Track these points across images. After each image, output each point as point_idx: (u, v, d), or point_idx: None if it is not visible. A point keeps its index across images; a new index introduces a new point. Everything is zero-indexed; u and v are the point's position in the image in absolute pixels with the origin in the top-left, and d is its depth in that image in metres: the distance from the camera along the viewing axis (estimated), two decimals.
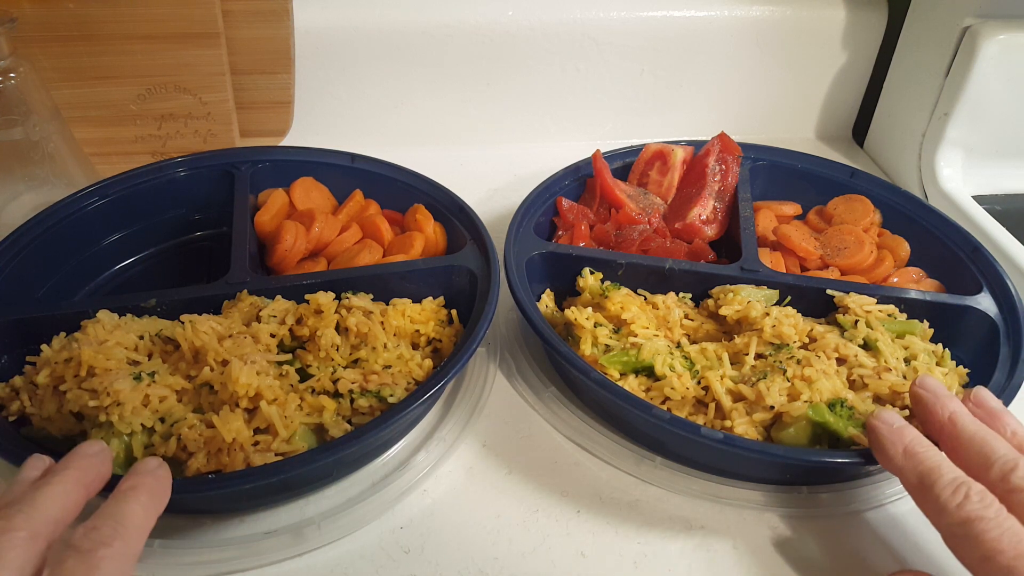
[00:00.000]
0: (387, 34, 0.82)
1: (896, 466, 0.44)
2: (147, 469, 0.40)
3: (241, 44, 0.74)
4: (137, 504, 0.37)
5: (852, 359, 0.54)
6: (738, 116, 0.94)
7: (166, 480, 0.40)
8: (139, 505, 0.37)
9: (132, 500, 0.37)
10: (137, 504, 0.37)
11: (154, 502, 0.38)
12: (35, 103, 0.63)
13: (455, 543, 0.48)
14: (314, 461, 0.45)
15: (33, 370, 0.50)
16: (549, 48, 0.85)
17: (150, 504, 0.38)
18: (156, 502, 0.38)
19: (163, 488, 0.39)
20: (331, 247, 0.64)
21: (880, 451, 0.45)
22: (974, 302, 0.59)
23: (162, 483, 0.39)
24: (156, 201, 0.67)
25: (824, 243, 0.68)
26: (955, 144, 0.80)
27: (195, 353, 0.50)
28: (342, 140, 0.76)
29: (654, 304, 0.59)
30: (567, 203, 0.69)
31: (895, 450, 0.44)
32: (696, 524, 0.50)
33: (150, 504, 0.38)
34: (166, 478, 0.40)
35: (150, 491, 0.38)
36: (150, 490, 0.38)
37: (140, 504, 0.37)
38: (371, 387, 0.50)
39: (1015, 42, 0.75)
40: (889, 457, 0.44)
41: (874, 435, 0.46)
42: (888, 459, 0.44)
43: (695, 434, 0.47)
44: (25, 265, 0.58)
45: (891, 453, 0.44)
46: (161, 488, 0.39)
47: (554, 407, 0.56)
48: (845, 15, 0.88)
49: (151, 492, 0.38)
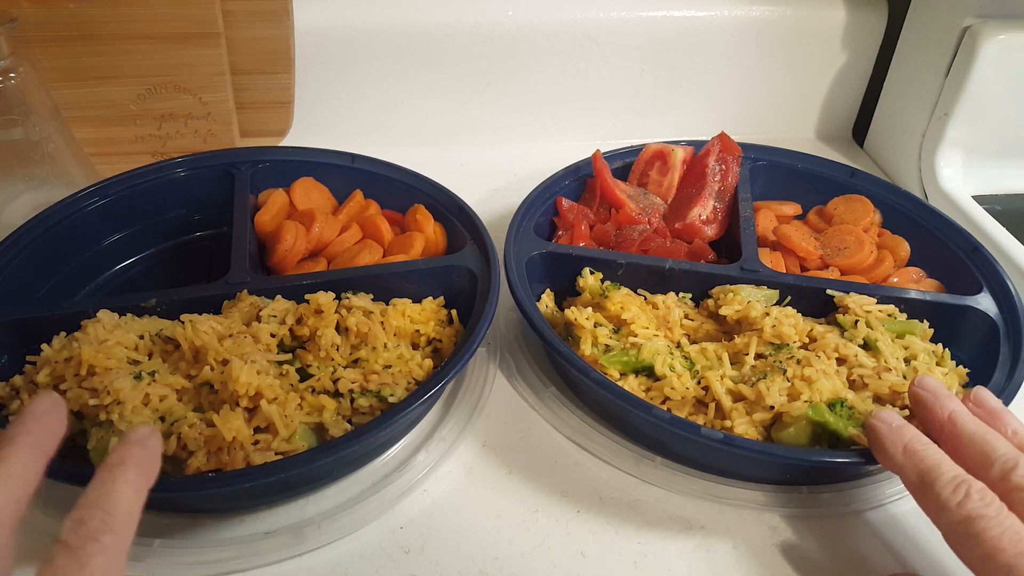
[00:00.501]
0: (387, 34, 0.82)
1: (896, 464, 0.44)
2: (136, 439, 0.37)
3: (241, 44, 0.74)
4: (125, 484, 0.35)
5: (852, 359, 0.54)
6: (738, 116, 0.94)
7: (156, 450, 0.38)
8: (127, 485, 0.35)
9: (120, 479, 0.35)
10: (125, 484, 0.35)
11: (143, 477, 0.36)
12: (35, 103, 0.63)
13: (455, 543, 0.48)
14: (314, 460, 0.45)
15: (33, 370, 0.50)
16: (549, 48, 0.85)
17: (139, 480, 0.36)
18: (145, 476, 0.36)
19: (152, 460, 0.37)
20: (331, 247, 0.64)
21: (880, 450, 0.45)
22: (974, 302, 0.59)
23: (151, 454, 0.37)
24: (156, 201, 0.67)
25: (824, 243, 0.68)
26: (955, 144, 0.80)
27: (195, 352, 0.50)
28: (342, 140, 0.76)
29: (654, 304, 0.59)
30: (567, 203, 0.69)
31: (895, 449, 0.44)
32: (696, 524, 0.50)
33: (139, 480, 0.36)
34: (156, 447, 0.38)
35: (138, 465, 0.36)
36: (138, 464, 0.36)
37: (128, 483, 0.35)
38: (371, 387, 0.50)
39: (1015, 42, 0.75)
40: (889, 456, 0.44)
41: (874, 434, 0.46)
42: (888, 458, 0.44)
43: (695, 434, 0.47)
44: (25, 265, 0.58)
45: (891, 452, 0.44)
46: (150, 460, 0.37)
47: (554, 407, 0.56)
48: (845, 15, 0.88)
49: (139, 466, 0.36)
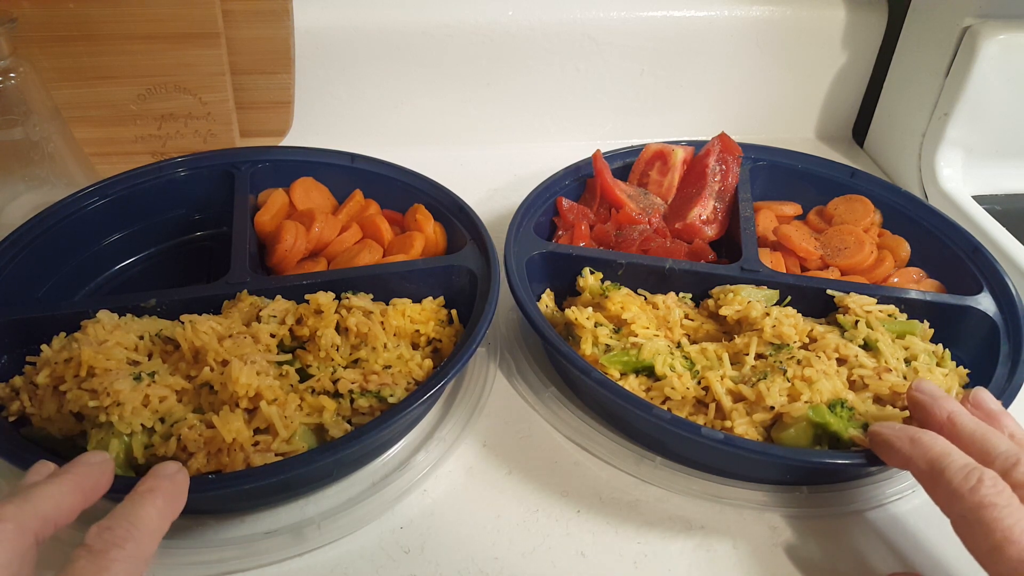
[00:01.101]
0: (387, 34, 0.82)
1: (904, 457, 0.43)
2: (166, 473, 0.40)
3: (241, 44, 0.74)
4: (152, 507, 0.37)
5: (852, 359, 0.54)
6: (738, 116, 0.94)
7: (183, 485, 0.40)
8: (154, 508, 0.37)
9: (148, 503, 0.37)
10: (152, 507, 0.37)
11: (170, 507, 0.38)
12: (35, 103, 0.63)
13: (455, 543, 0.48)
14: (314, 461, 0.45)
15: (33, 370, 0.50)
16: (549, 48, 0.85)
17: (166, 508, 0.38)
18: (172, 507, 0.38)
19: (180, 493, 0.39)
20: (331, 247, 0.64)
21: (887, 449, 0.44)
22: (974, 302, 0.59)
23: (179, 488, 0.39)
24: (156, 201, 0.67)
25: (824, 243, 0.68)
26: (955, 144, 0.80)
27: (195, 353, 0.50)
28: (342, 140, 0.76)
29: (654, 304, 0.59)
30: (567, 203, 0.69)
31: (901, 442, 0.43)
32: (696, 524, 0.50)
33: (166, 508, 0.38)
34: (184, 483, 0.40)
35: (167, 495, 0.38)
36: (167, 494, 0.38)
37: (155, 508, 0.37)
38: (371, 387, 0.50)
39: (1015, 42, 0.75)
40: (896, 449, 0.43)
41: (878, 438, 0.45)
42: (895, 452, 0.43)
43: (695, 434, 0.47)
44: (25, 265, 0.58)
45: (898, 446, 0.43)
46: (178, 493, 0.39)
47: (554, 407, 0.56)
48: (845, 15, 0.88)
49: (167, 496, 0.38)
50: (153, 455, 0.46)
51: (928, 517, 0.51)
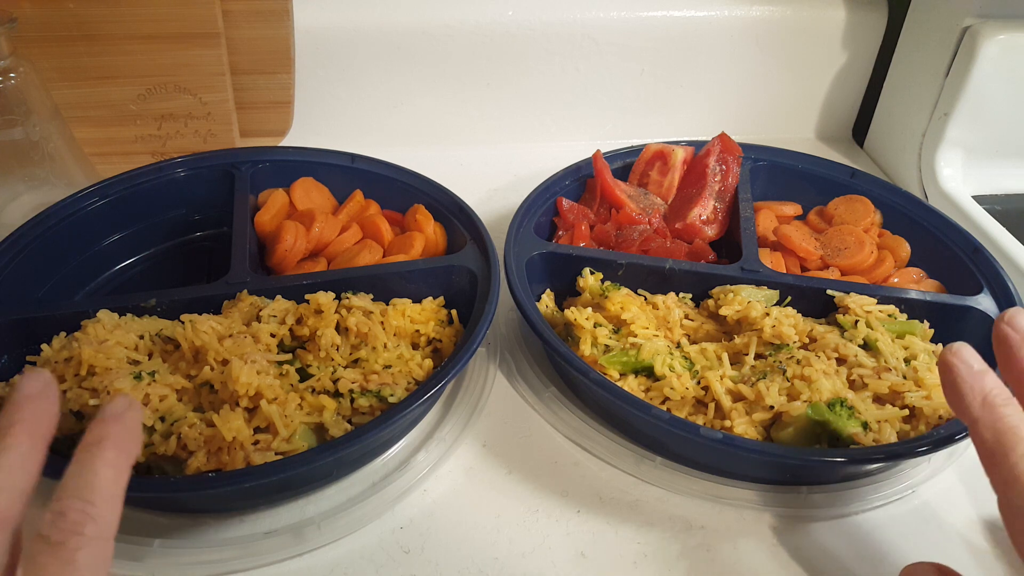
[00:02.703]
0: (387, 34, 0.82)
1: (971, 417, 0.37)
2: (112, 413, 0.34)
3: (241, 44, 0.74)
4: (104, 466, 0.32)
5: (852, 359, 0.54)
6: (738, 116, 0.94)
7: (135, 422, 0.34)
8: (106, 466, 0.32)
9: (98, 460, 0.32)
10: (104, 466, 0.32)
11: (123, 455, 0.33)
12: (35, 103, 0.63)
13: (455, 543, 0.48)
14: (314, 461, 0.45)
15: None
16: (549, 48, 0.85)
17: (119, 459, 0.33)
18: (125, 454, 0.33)
19: (132, 434, 0.34)
20: (331, 247, 0.64)
21: (955, 394, 0.38)
22: (974, 302, 0.59)
23: (131, 428, 0.34)
24: (156, 201, 0.67)
25: (824, 243, 0.68)
26: (955, 144, 0.80)
27: (195, 352, 0.50)
28: (342, 140, 0.76)
29: (654, 304, 0.59)
30: (567, 203, 0.69)
31: (972, 397, 0.37)
32: (696, 524, 0.50)
33: (119, 459, 0.33)
34: (135, 419, 0.34)
35: (117, 443, 0.33)
36: (117, 442, 0.33)
37: (108, 464, 0.32)
38: (371, 387, 0.50)
39: (1015, 42, 0.75)
40: (966, 404, 0.38)
41: (950, 374, 0.39)
42: (963, 406, 0.38)
43: (695, 434, 0.47)
44: (25, 265, 0.58)
45: (968, 400, 0.37)
46: (130, 435, 0.34)
47: (554, 407, 0.56)
48: (845, 15, 0.88)
49: (118, 444, 0.33)
50: (153, 454, 0.46)
51: (928, 517, 0.51)
